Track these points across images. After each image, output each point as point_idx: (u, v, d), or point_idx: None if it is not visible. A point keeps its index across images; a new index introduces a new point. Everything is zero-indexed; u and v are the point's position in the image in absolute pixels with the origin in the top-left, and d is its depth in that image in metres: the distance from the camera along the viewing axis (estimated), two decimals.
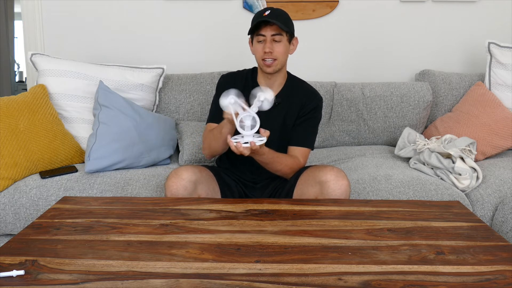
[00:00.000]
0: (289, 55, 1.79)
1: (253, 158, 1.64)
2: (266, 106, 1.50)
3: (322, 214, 1.45)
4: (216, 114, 1.78)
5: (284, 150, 1.79)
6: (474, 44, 2.78)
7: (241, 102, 1.49)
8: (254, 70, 1.88)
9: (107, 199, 1.62)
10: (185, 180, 1.63)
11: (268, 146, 1.62)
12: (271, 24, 1.68)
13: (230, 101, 1.49)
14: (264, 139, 1.51)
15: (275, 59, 1.72)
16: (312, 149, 1.84)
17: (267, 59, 1.72)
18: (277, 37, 1.70)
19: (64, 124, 2.21)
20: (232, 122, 1.56)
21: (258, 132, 1.51)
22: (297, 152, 1.79)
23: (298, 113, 1.82)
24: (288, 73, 1.87)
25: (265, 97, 1.49)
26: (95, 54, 2.72)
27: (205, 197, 1.69)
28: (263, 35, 1.70)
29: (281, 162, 1.71)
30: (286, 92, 1.83)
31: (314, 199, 1.63)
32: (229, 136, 1.51)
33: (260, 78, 1.84)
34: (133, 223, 1.37)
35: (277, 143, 1.76)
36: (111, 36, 2.73)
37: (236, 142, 1.49)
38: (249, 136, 1.49)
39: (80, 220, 1.40)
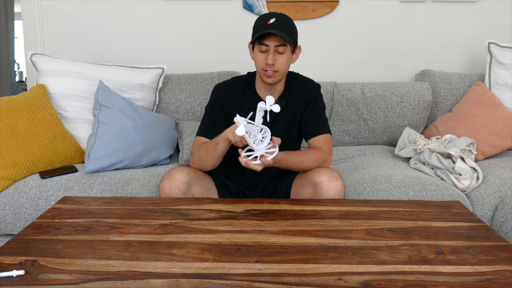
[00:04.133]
0: (291, 64, 1.72)
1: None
2: (276, 109, 1.47)
3: (322, 214, 1.45)
4: (208, 127, 1.75)
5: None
6: (474, 44, 2.77)
7: (248, 122, 1.45)
8: (250, 77, 1.81)
9: (107, 199, 1.62)
10: (178, 181, 1.63)
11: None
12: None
13: (243, 131, 1.41)
14: (276, 151, 1.49)
15: (276, 71, 1.65)
16: (331, 134, 1.78)
17: (268, 70, 1.65)
18: (280, 49, 1.62)
19: (64, 124, 2.21)
20: (241, 142, 1.53)
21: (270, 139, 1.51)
22: (317, 142, 1.74)
23: (300, 109, 1.78)
24: None
25: (265, 108, 1.46)
26: (95, 54, 2.72)
27: (205, 197, 1.69)
28: (266, 45, 1.62)
29: (302, 160, 1.66)
30: (287, 93, 1.79)
31: (314, 199, 1.62)
32: (240, 150, 1.50)
33: (259, 86, 1.77)
34: (133, 223, 1.37)
35: (281, 146, 1.73)
36: (111, 36, 2.73)
37: (246, 159, 1.48)
38: (261, 150, 1.48)
39: (80, 220, 1.40)
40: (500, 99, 2.40)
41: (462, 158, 2.04)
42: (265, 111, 1.49)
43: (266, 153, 1.50)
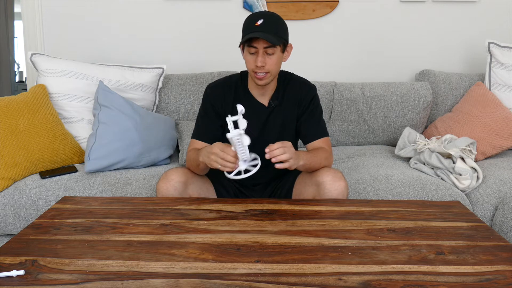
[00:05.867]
0: (282, 62, 1.71)
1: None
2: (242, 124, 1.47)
3: (322, 214, 1.45)
4: (202, 130, 1.75)
5: None
6: (474, 44, 2.78)
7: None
8: (243, 76, 1.80)
9: (107, 199, 1.62)
10: (174, 181, 1.63)
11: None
12: None
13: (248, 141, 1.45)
14: (258, 165, 1.50)
15: (267, 72, 1.64)
16: (328, 136, 1.80)
17: (259, 73, 1.63)
18: (269, 50, 1.60)
19: (64, 124, 2.21)
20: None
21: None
22: (318, 144, 1.75)
23: (297, 109, 1.77)
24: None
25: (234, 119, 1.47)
26: (95, 54, 2.72)
27: (205, 197, 1.69)
28: (255, 47, 1.60)
29: (318, 157, 1.66)
30: (280, 92, 1.77)
31: (314, 199, 1.62)
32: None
33: (251, 85, 1.76)
34: (133, 223, 1.37)
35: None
36: (111, 36, 2.73)
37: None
38: (243, 165, 1.48)
39: (80, 220, 1.40)
40: (500, 99, 2.40)
41: (462, 158, 2.04)
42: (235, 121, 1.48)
43: (247, 168, 1.50)
